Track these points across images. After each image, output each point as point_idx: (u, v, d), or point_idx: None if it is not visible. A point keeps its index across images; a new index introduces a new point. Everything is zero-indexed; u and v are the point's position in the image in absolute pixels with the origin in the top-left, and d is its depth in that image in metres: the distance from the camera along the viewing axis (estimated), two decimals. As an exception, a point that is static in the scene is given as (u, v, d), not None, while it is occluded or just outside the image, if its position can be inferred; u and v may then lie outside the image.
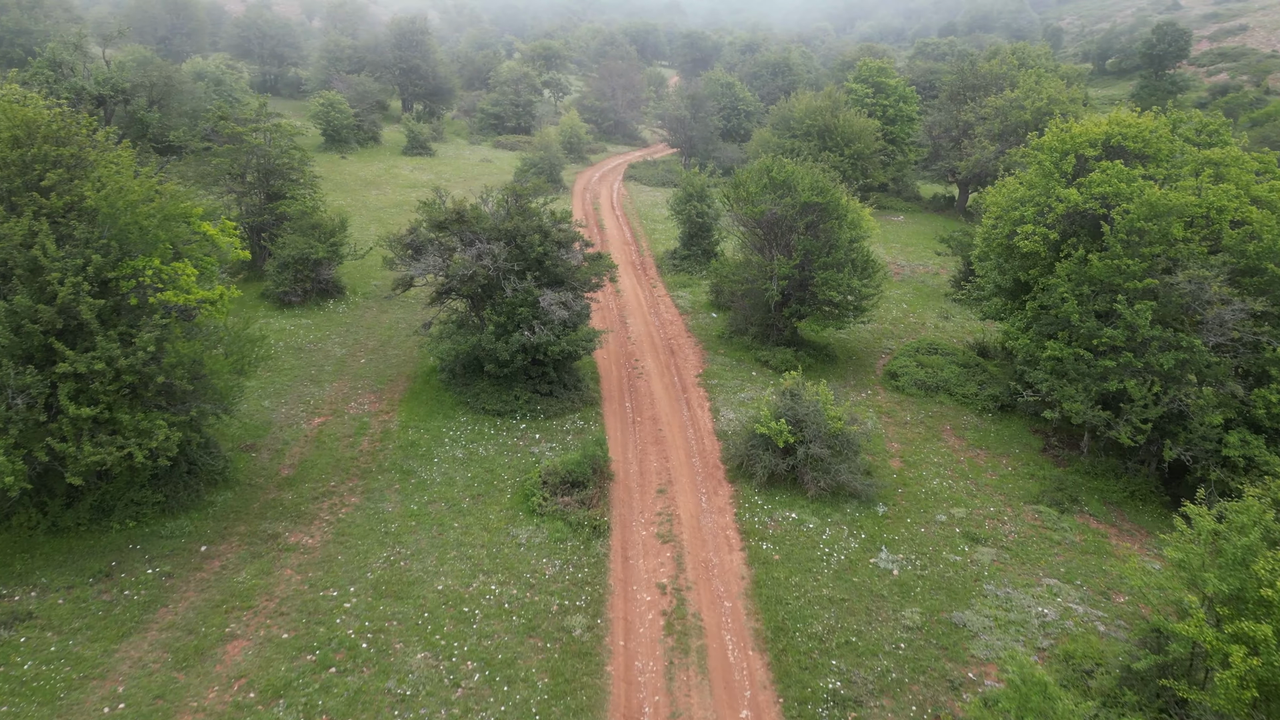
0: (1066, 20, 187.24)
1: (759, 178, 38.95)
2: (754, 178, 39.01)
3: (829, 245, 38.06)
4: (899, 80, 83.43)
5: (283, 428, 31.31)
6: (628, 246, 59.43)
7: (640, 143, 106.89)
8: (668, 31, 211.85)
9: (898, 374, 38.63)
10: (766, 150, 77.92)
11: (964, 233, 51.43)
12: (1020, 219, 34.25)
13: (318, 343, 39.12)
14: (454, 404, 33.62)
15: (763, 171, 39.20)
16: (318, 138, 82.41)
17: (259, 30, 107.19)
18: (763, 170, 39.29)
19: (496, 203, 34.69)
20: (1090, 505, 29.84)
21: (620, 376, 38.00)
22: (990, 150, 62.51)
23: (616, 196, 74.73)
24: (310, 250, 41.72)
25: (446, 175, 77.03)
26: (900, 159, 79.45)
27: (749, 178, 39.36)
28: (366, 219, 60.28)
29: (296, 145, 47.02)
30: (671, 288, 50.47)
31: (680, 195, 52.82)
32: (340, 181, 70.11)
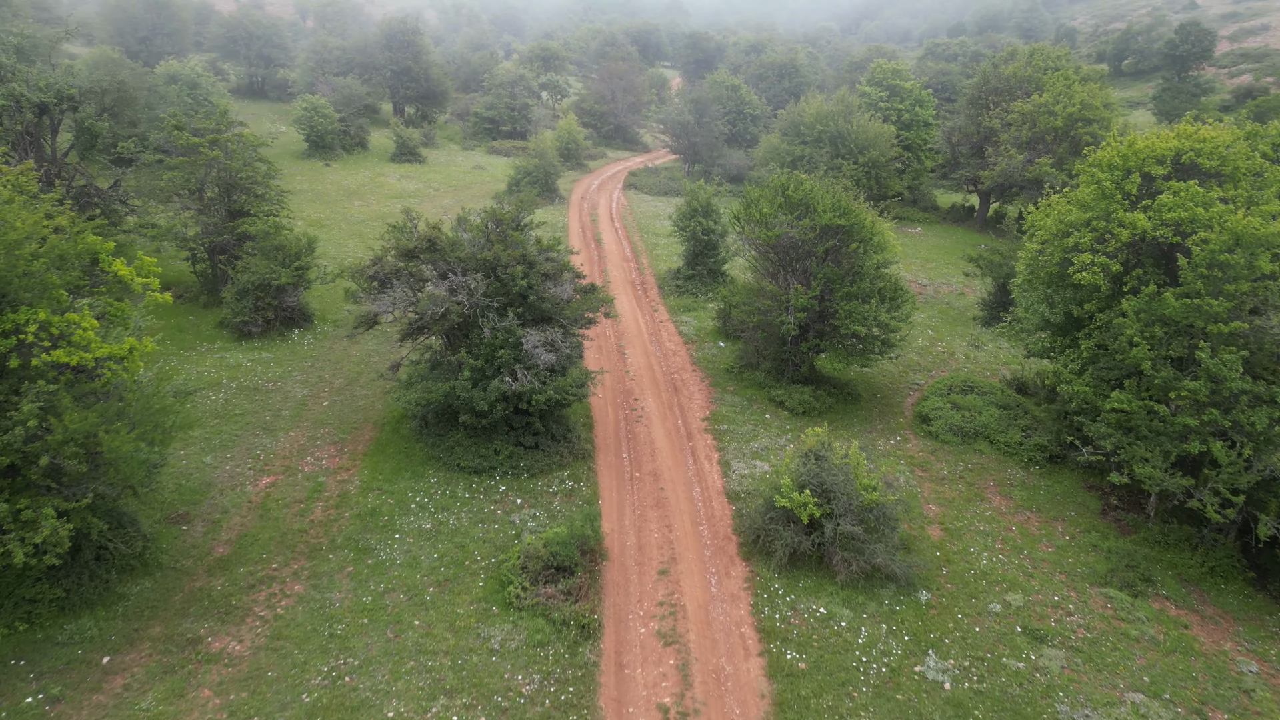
0: (1079, 19, 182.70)
1: (773, 196, 34.58)
2: (767, 196, 34.64)
3: (853, 272, 33.69)
4: (914, 83, 79.05)
5: (224, 490, 26.96)
6: (627, 263, 55.07)
7: (641, 148, 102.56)
8: (670, 32, 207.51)
9: (930, 417, 34.22)
10: (775, 157, 73.66)
11: (994, 251, 47.08)
12: (1075, 246, 29.88)
13: (277, 381, 34.77)
14: (425, 459, 29.24)
15: (777, 190, 34.83)
16: (301, 144, 78.18)
17: (245, 30, 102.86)
18: (777, 188, 34.92)
19: (475, 228, 30.35)
20: (1166, 585, 25.45)
21: (617, 421, 33.63)
22: (1018, 159, 58.10)
23: (616, 207, 70.39)
24: (272, 275, 37.40)
25: (436, 184, 72.76)
26: (916, 166, 75.07)
27: (762, 196, 34.99)
28: (345, 233, 55.98)
29: (262, 157, 42.67)
30: (674, 311, 46.10)
31: (684, 210, 48.46)
32: (321, 191, 65.82)
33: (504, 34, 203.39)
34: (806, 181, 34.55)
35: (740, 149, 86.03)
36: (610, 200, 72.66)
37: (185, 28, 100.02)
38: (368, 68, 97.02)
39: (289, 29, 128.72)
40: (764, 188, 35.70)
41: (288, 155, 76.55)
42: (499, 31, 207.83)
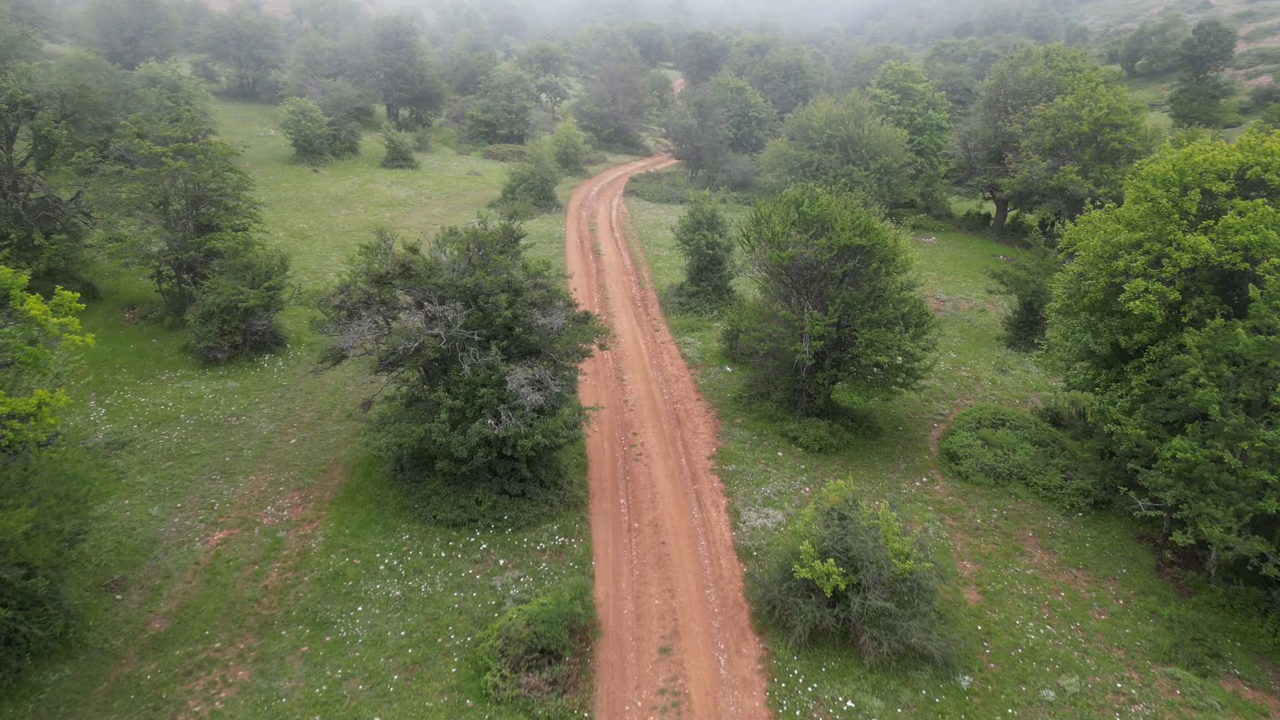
0: (1089, 19, 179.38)
1: (785, 213, 31.45)
2: (779, 213, 31.52)
3: (874, 297, 30.57)
4: (927, 85, 75.90)
5: (170, 549, 23.90)
6: (627, 277, 51.96)
7: (643, 151, 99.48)
8: (672, 32, 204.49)
9: (959, 455, 31.07)
10: (782, 163, 70.56)
11: (1019, 266, 43.90)
12: (1125, 270, 26.76)
13: (242, 415, 31.71)
14: (398, 508, 26.16)
15: (790, 205, 31.72)
16: (289, 149, 75.19)
17: (235, 31, 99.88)
18: (790, 204, 31.81)
19: (455, 250, 27.27)
20: (1237, 661, 22.31)
21: (614, 459, 30.54)
22: (1041, 167, 54.90)
23: (616, 216, 67.30)
24: (239, 297, 34.34)
25: (428, 191, 69.72)
26: (930, 173, 71.92)
27: (773, 212, 31.86)
28: (329, 244, 52.93)
29: (233, 167, 39.61)
30: (677, 331, 42.99)
31: (687, 222, 45.36)
32: (306, 199, 62.78)
33: (504, 34, 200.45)
34: (823, 197, 31.42)
35: (745, 153, 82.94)
36: (610, 208, 69.57)
37: (172, 28, 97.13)
38: (360, 69, 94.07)
39: (284, 29, 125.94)
40: (776, 203, 32.57)
41: (274, 161, 73.62)
42: (499, 32, 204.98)
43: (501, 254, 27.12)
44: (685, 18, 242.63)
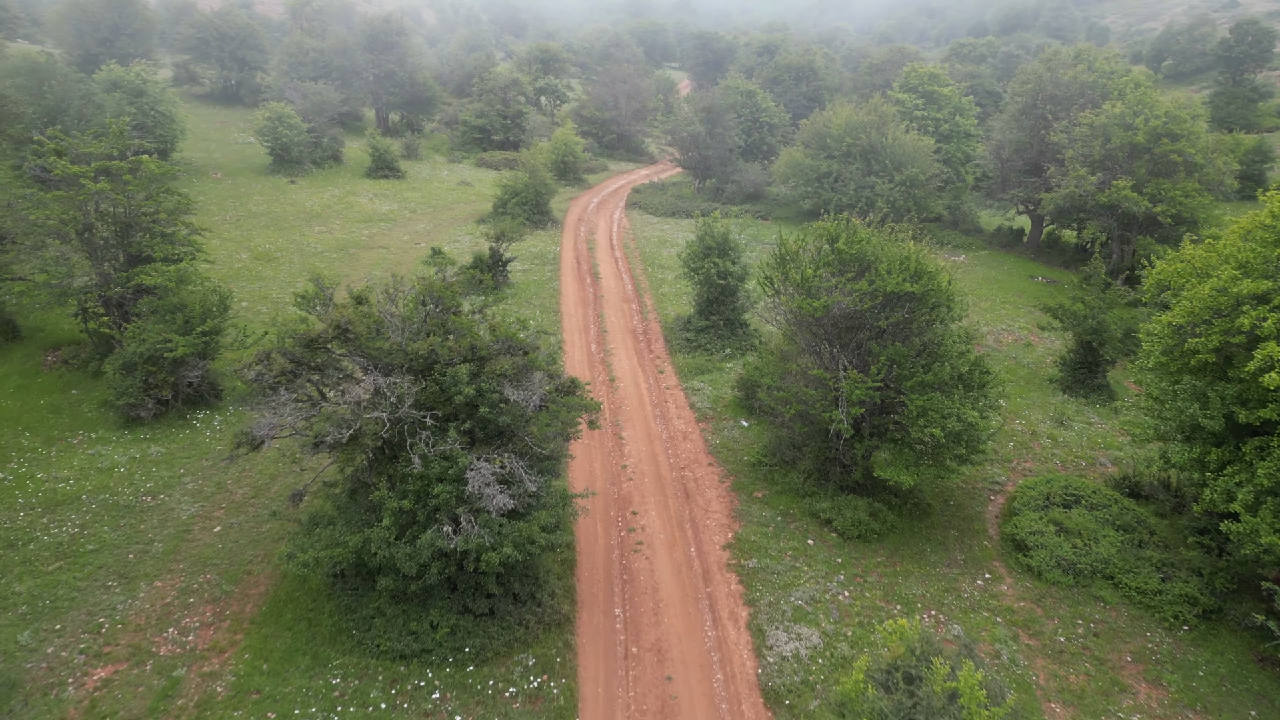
0: (1110, 18, 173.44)
1: (817, 251, 25.96)
2: (810, 252, 26.02)
3: (928, 354, 25.06)
4: (952, 89, 70.33)
5: (32, 697, 18.51)
6: (628, 305, 46.50)
7: (646, 158, 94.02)
8: (678, 32, 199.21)
9: (1027, 544, 25.55)
10: (797, 173, 65.09)
11: (1077, 300, 38.29)
12: (1250, 330, 21.22)
13: (160, 492, 26.32)
14: (333, 632, 20.73)
15: (822, 238, 26.22)
16: (266, 158, 69.91)
17: (217, 31, 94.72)
18: (822, 236, 26.31)
19: (409, 304, 21.85)
20: None
21: (609, 550, 25.08)
22: (1090, 181, 49.24)
23: (617, 231, 61.85)
24: (165, 345, 28.95)
25: (413, 204, 64.35)
26: (957, 184, 66.34)
27: (801, 250, 26.36)
28: (297, 267, 47.55)
29: (170, 188, 34.24)
30: (685, 374, 37.52)
31: (695, 247, 39.87)
32: (278, 215, 57.44)
33: (504, 35, 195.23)
34: (862, 231, 25.89)
35: (756, 161, 77.45)
36: (610, 223, 64.12)
37: (149, 28, 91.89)
38: (347, 71, 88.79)
39: (274, 29, 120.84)
40: (805, 236, 27.05)
41: (250, 171, 68.37)
42: (499, 32, 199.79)
43: (459, 313, 21.69)
44: (691, 18, 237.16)
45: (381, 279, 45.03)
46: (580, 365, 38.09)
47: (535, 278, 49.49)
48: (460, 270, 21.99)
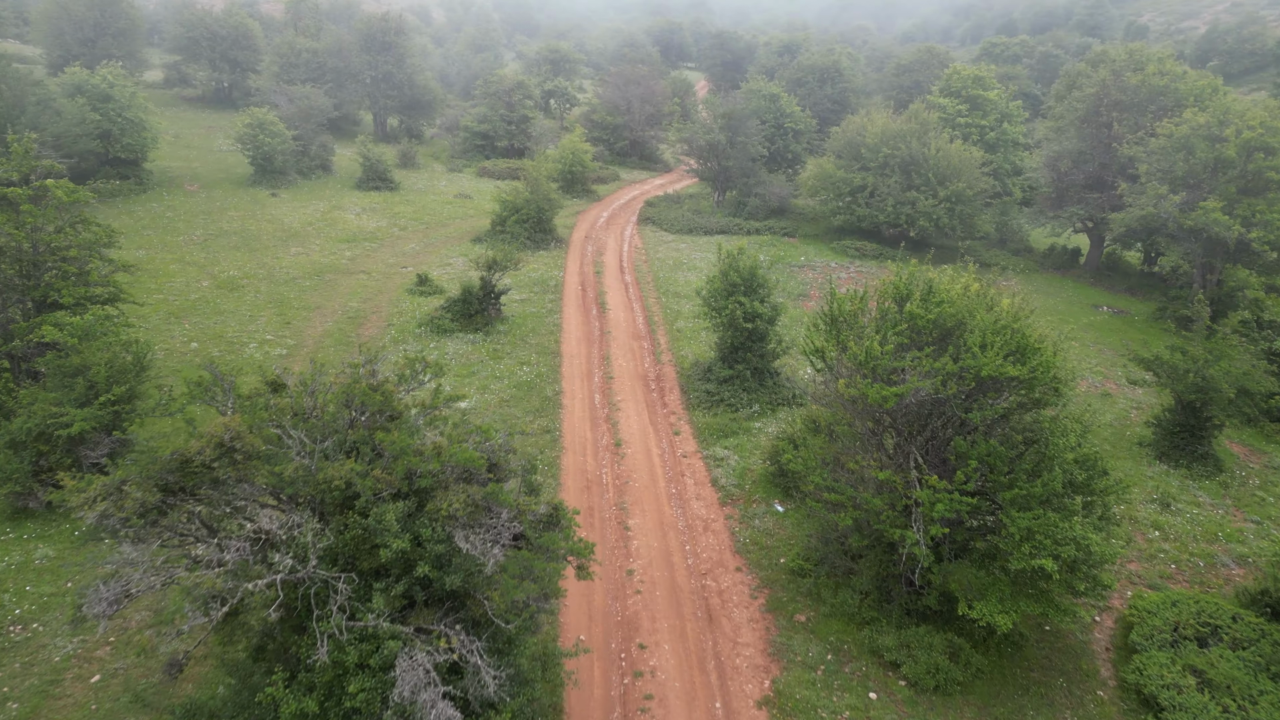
0: (1146, 16, 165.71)
1: (882, 314, 19.83)
2: (872, 315, 19.88)
3: (1034, 456, 18.90)
4: (999, 93, 63.89)
5: None
6: (639, 343, 40.50)
7: (660, 166, 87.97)
8: (694, 31, 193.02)
9: (1160, 704, 19.33)
10: (827, 186, 58.88)
11: (1178, 350, 31.90)
12: None
13: (35, 618, 20.54)
14: None
15: (888, 299, 20.09)
16: (248, 168, 64.38)
17: (208, 30, 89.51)
18: (887, 296, 20.19)
19: (332, 404, 15.92)
20: None
21: (607, 711, 19.06)
22: (1172, 202, 42.78)
23: (627, 251, 55.85)
24: (59, 420, 23.20)
25: (404, 220, 58.60)
26: (1005, 199, 59.92)
27: (860, 313, 20.22)
28: (264, 298, 41.83)
29: (85, 218, 28.48)
30: (705, 437, 31.47)
31: (718, 284, 33.79)
32: (252, 234, 51.80)
33: (516, 34, 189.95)
34: (941, 288, 19.76)
35: (780, 171, 71.22)
36: (621, 241, 58.13)
37: (134, 27, 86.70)
38: (342, 73, 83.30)
39: (276, 29, 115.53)
40: (866, 300, 20.89)
41: (230, 182, 62.88)
42: (511, 31, 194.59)
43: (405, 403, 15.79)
44: (708, 16, 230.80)
45: (396, 280, 39.09)
46: (581, 422, 32.15)
47: (534, 309, 43.58)
48: (407, 363, 15.82)
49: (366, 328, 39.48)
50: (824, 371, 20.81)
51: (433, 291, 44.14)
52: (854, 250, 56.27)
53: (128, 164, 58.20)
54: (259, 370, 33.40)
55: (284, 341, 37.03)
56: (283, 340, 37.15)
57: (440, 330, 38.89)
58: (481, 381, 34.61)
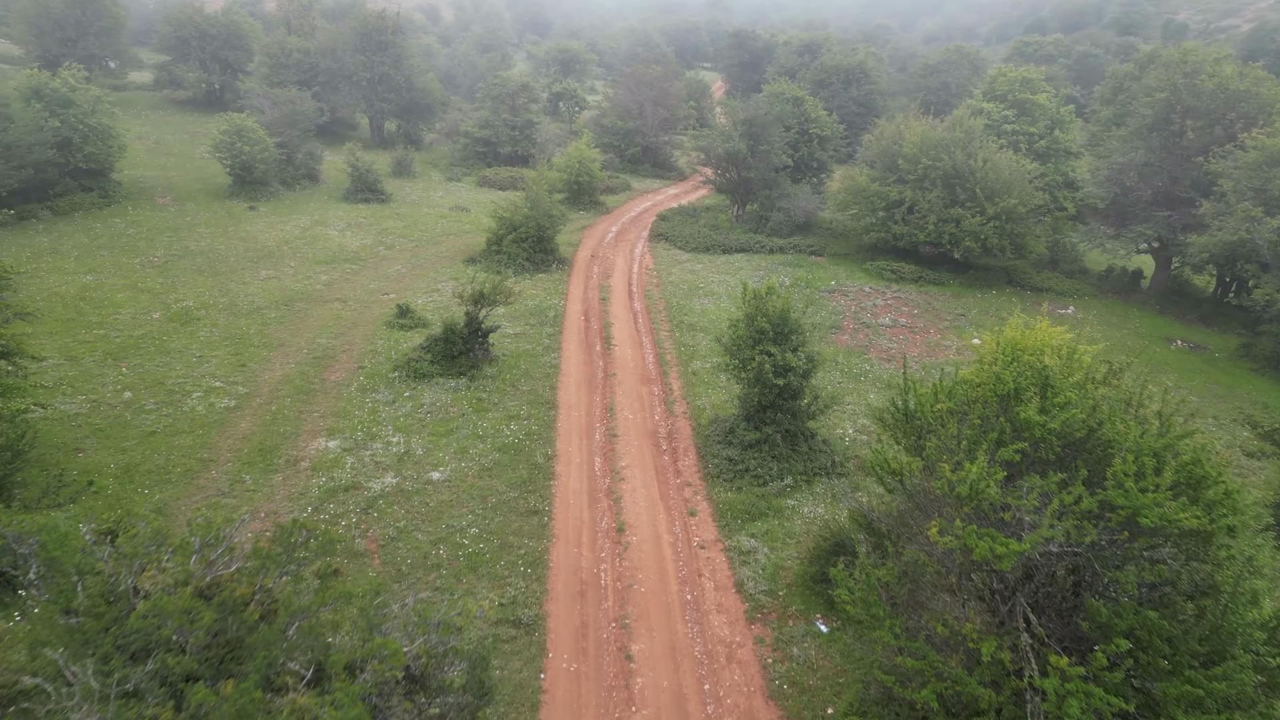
0: (1183, 14, 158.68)
1: (983, 420, 14.18)
2: (970, 422, 14.20)
3: (1206, 628, 13.20)
4: (1050, 97, 57.93)
5: None
6: (649, 389, 34.97)
7: (675, 174, 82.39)
8: (710, 30, 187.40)
9: None
10: (859, 200, 53.13)
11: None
12: None
13: None
14: None
15: (989, 399, 14.43)
16: (226, 178, 59.33)
17: (197, 30, 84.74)
18: (986, 391, 14.51)
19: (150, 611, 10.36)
20: None
21: None
22: (1269, 226, 36.81)
23: (637, 272, 50.33)
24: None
25: (392, 237, 53.30)
26: (1058, 214, 53.97)
27: (949, 418, 14.57)
28: (220, 333, 36.57)
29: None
30: (727, 520, 25.88)
31: (741, 330, 28.14)
32: (220, 254, 46.64)
33: (527, 34, 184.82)
34: (1066, 387, 14.11)
35: (804, 181, 65.46)
36: (630, 260, 52.61)
37: (118, 26, 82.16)
38: (336, 75, 78.23)
39: (272, 28, 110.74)
40: (953, 389, 15.23)
41: (207, 194, 57.88)
42: (522, 31, 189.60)
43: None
44: (724, 15, 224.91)
45: (376, 309, 33.20)
46: (577, 498, 26.68)
47: (529, 345, 38.14)
48: (280, 534, 10.09)
49: (333, 371, 34.14)
50: (899, 492, 15.18)
51: (415, 325, 38.80)
52: (890, 272, 50.50)
53: (91, 175, 53.26)
54: (199, 427, 28.15)
55: (234, 389, 31.74)
56: (233, 388, 31.86)
57: (417, 375, 33.48)
58: (461, 443, 29.18)
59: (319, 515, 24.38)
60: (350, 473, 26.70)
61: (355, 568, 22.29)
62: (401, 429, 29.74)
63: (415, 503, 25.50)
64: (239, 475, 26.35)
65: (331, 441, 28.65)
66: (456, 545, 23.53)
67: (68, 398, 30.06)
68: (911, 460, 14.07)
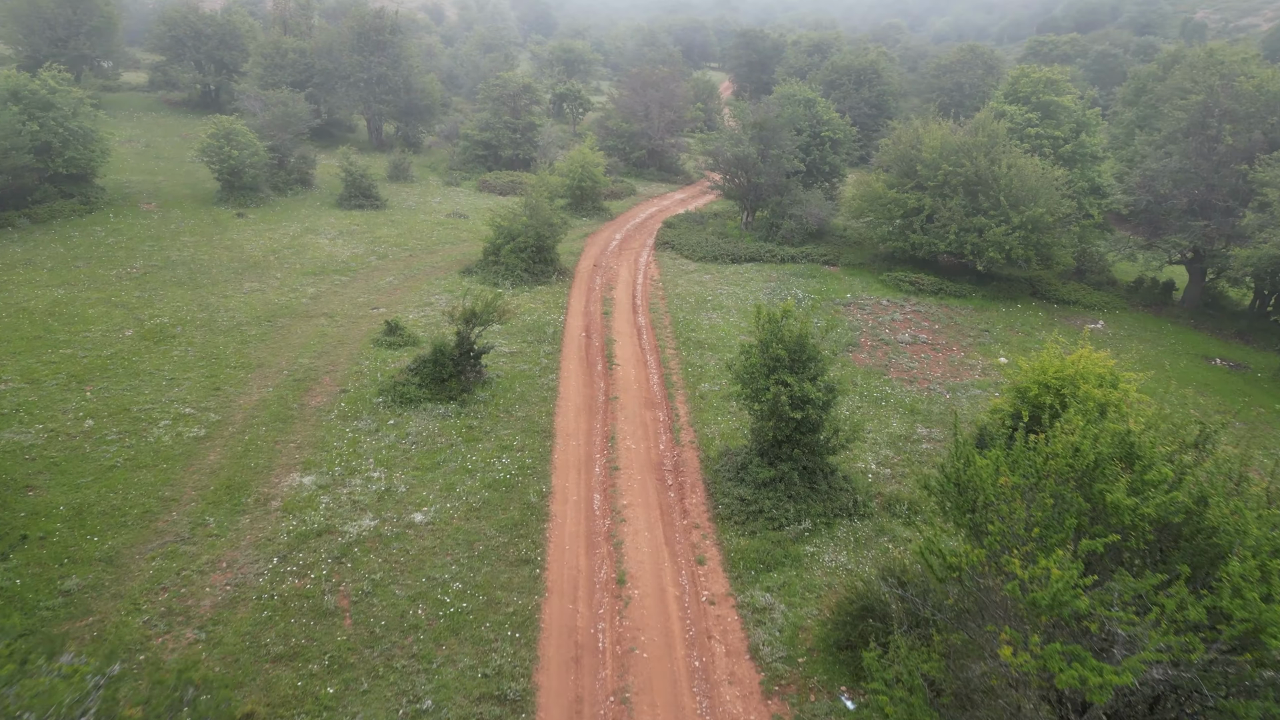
0: (1202, 13, 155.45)
1: (1058, 500, 11.62)
2: (1049, 504, 11.68)
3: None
4: (1073, 97, 55.28)
5: None
6: (653, 414, 32.49)
7: (681, 178, 79.88)
8: (718, 29, 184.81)
9: None
10: (875, 207, 50.58)
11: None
12: None
13: None
14: None
15: (1062, 472, 11.87)
16: (215, 183, 57.07)
17: (192, 29, 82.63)
18: (1067, 462, 11.96)
19: None
20: None
21: None
22: (1325, 240, 34.24)
23: (642, 284, 47.86)
24: None
25: (385, 246, 50.93)
26: (1085, 221, 51.32)
27: (1018, 489, 12.03)
28: (196, 353, 34.21)
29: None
30: (738, 570, 23.37)
31: (754, 358, 25.65)
32: (203, 265, 44.35)
33: (532, 33, 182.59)
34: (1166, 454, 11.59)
35: (816, 186, 62.87)
36: (635, 270, 50.15)
37: (110, 25, 79.97)
38: (332, 75, 75.93)
39: (260, 28, 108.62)
40: (1015, 459, 12.69)
41: (194, 200, 55.64)
42: (526, 30, 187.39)
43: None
44: (732, 14, 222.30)
45: (363, 326, 30.69)
46: (574, 543, 24.23)
47: (526, 365, 35.71)
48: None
49: (314, 395, 31.74)
50: (951, 584, 12.64)
51: (404, 343, 36.41)
52: (909, 284, 47.89)
53: (72, 180, 51.02)
54: (165, 460, 25.76)
55: (205, 417, 29.38)
56: (204, 415, 29.50)
57: (404, 400, 31.06)
58: (448, 478, 26.74)
59: (286, 567, 21.97)
60: (324, 514, 24.30)
61: (323, 630, 19.88)
62: (383, 462, 27.34)
63: (394, 550, 23.07)
64: (202, 517, 23.98)
65: (307, 477, 26.26)
66: (437, 603, 21.08)
67: (24, 426, 27.77)
68: (971, 551, 11.55)
